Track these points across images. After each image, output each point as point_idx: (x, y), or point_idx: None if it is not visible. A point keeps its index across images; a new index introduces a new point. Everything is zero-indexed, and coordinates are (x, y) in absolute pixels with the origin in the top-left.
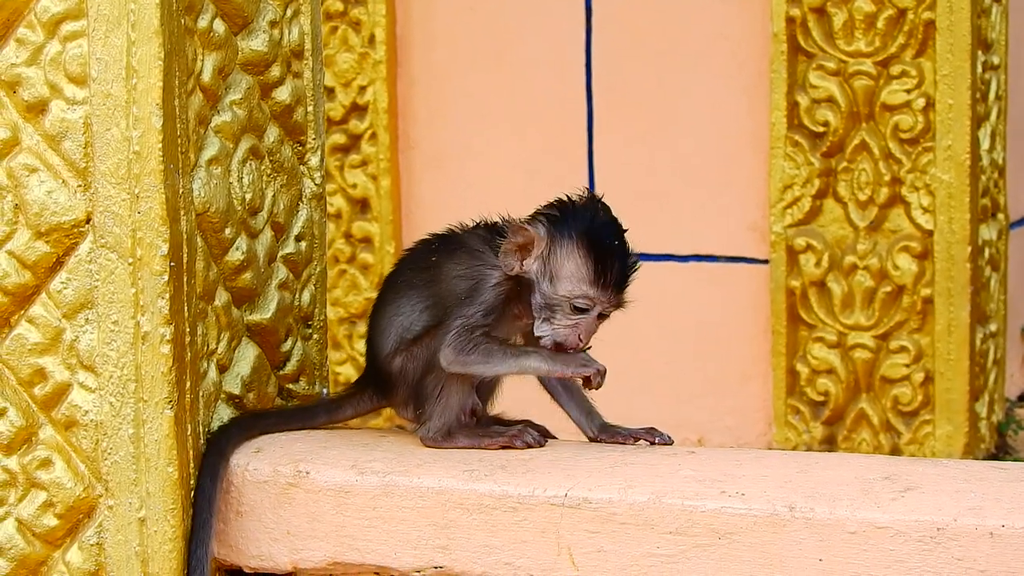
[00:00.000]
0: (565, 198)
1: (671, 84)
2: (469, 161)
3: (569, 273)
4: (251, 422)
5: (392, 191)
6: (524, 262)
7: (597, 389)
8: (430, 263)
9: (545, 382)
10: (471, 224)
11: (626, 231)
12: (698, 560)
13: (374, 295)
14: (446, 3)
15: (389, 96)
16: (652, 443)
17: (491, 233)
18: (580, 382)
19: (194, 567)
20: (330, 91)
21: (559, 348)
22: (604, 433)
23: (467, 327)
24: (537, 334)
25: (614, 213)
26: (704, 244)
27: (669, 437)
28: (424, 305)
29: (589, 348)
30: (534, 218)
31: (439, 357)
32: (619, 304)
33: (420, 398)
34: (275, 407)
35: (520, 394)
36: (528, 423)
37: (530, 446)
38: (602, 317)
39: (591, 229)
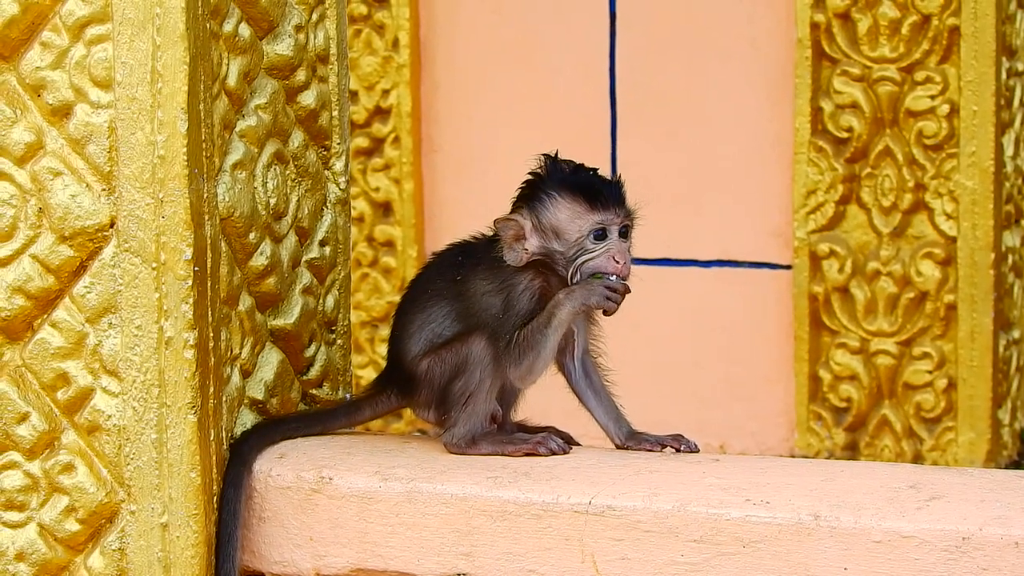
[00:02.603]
0: (528, 175)
1: (695, 89)
2: (492, 165)
3: (567, 218)
4: (272, 428)
5: (415, 195)
6: (527, 247)
7: (621, 296)
8: (455, 278)
9: (575, 386)
10: (487, 236)
11: (596, 169)
12: (722, 568)
13: (397, 299)
14: (470, 6)
15: (412, 100)
16: (678, 450)
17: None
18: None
19: None
20: (353, 95)
21: (604, 273)
22: (631, 440)
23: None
24: (584, 281)
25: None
26: (727, 249)
27: (695, 444)
28: (454, 315)
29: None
30: (512, 207)
31: (510, 373)
32: (628, 216)
33: (445, 403)
34: (295, 412)
35: (544, 400)
36: (552, 430)
37: (554, 453)
38: (624, 237)
39: (560, 176)
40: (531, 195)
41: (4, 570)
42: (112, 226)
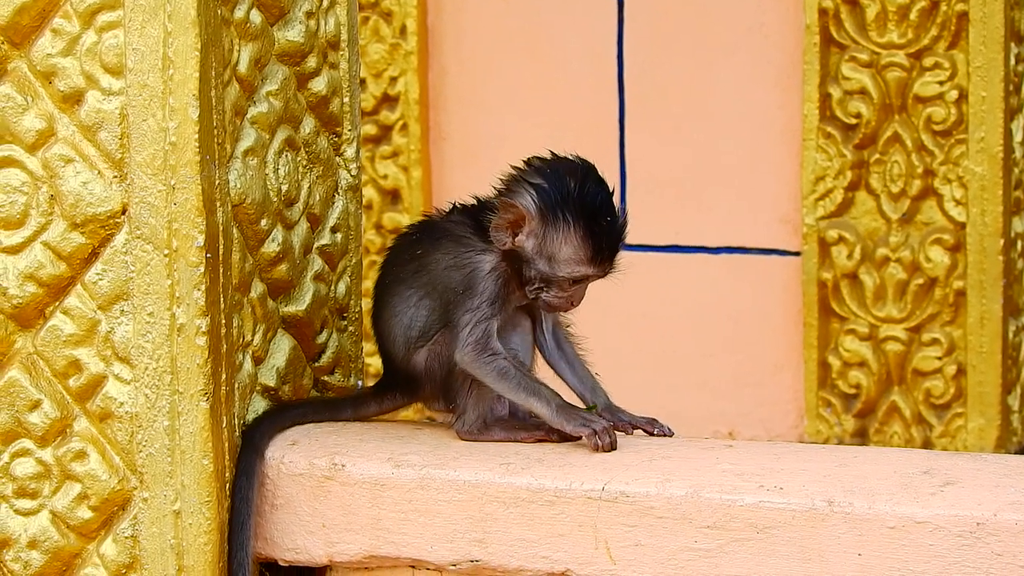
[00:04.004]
0: (550, 163)
1: (703, 76)
2: (500, 152)
3: (567, 256)
4: (282, 414)
5: (423, 182)
6: (516, 238)
7: (604, 451)
8: (415, 255)
9: (549, 358)
10: (447, 210)
11: (612, 193)
12: (736, 554)
13: None
14: None
15: (420, 87)
16: (651, 434)
17: (471, 216)
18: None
19: (235, 571)
20: (361, 82)
21: (552, 309)
22: (606, 412)
23: (477, 321)
24: (535, 299)
25: (600, 174)
26: (736, 236)
27: (670, 429)
28: (417, 297)
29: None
30: (519, 185)
31: (456, 355)
32: (612, 270)
33: (450, 392)
34: (306, 399)
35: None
36: None
37: (565, 439)
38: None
39: (584, 210)
40: (549, 199)
41: (16, 557)
42: (124, 213)
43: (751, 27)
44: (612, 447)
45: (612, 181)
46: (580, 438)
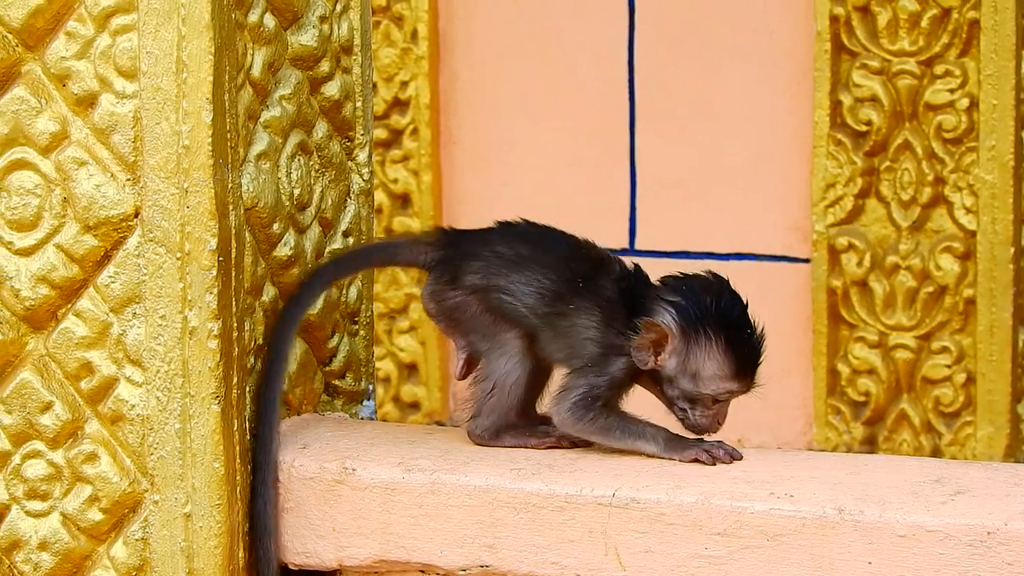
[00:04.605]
0: (686, 280)
1: (713, 82)
2: (511, 157)
3: (711, 374)
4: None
5: (433, 186)
6: (659, 357)
7: (726, 462)
8: (564, 296)
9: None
10: (608, 258)
11: (747, 305)
12: (746, 562)
13: (414, 290)
14: None
15: (431, 91)
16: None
17: (625, 290)
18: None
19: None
20: (372, 86)
21: (700, 432)
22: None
23: (592, 396)
24: (679, 418)
25: (733, 287)
26: (745, 243)
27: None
28: (537, 295)
29: None
30: (656, 303)
31: (554, 411)
32: (755, 385)
33: (471, 334)
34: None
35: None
36: None
37: (577, 446)
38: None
39: (726, 325)
40: (690, 315)
41: (27, 559)
42: (136, 216)
43: (762, 34)
44: (732, 457)
45: (621, 187)
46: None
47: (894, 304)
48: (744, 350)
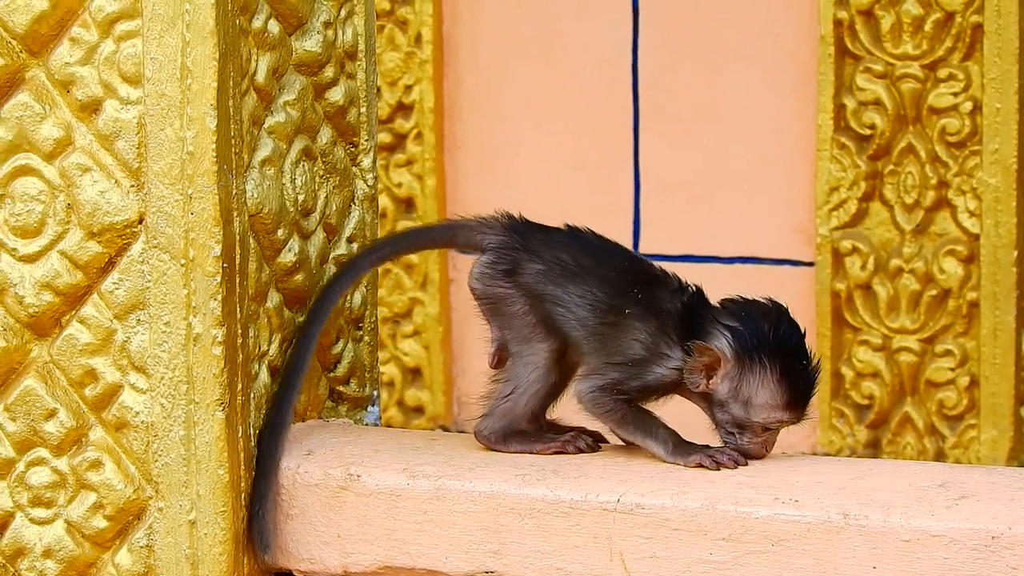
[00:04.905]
0: (745, 305)
1: (717, 85)
2: (515, 161)
3: (763, 402)
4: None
5: (437, 191)
6: (711, 381)
7: (731, 468)
8: (618, 307)
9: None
10: (665, 274)
11: (804, 333)
12: (751, 567)
13: (418, 295)
14: (493, 2)
15: (435, 95)
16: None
17: (685, 304)
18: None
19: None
20: (376, 90)
21: (749, 457)
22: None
23: (619, 389)
24: (724, 440)
25: (792, 315)
26: (749, 246)
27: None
28: (590, 307)
29: None
30: (713, 326)
31: (577, 385)
32: (806, 417)
33: (506, 330)
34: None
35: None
36: (582, 429)
37: (582, 451)
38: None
39: (782, 354)
40: (746, 342)
41: (31, 567)
42: (141, 222)
43: (766, 38)
44: (737, 463)
45: (625, 190)
46: (598, 449)
47: (898, 307)
48: (798, 381)
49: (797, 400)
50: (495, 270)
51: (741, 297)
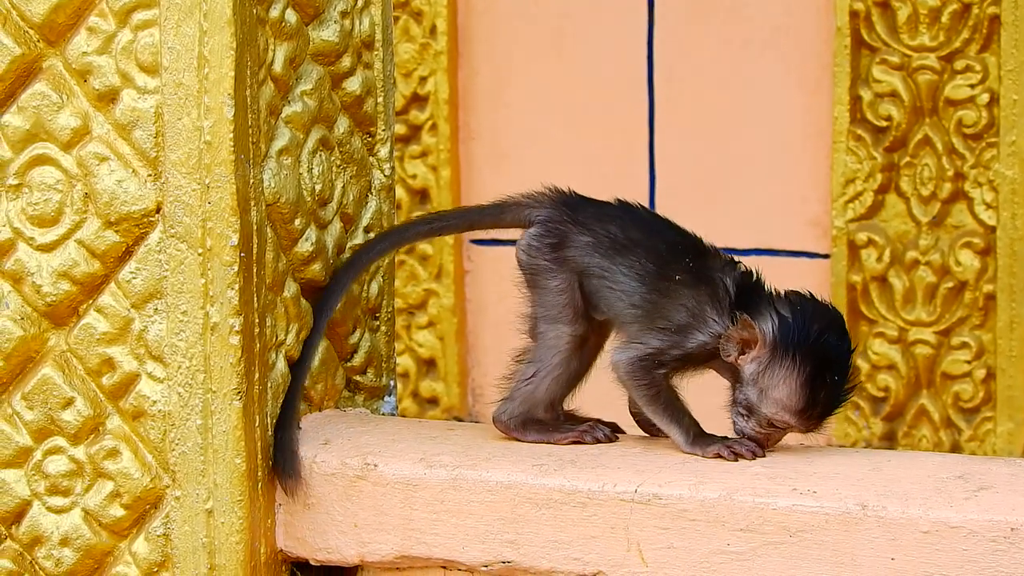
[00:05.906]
0: (805, 300)
1: (733, 77)
2: (529, 152)
3: (778, 397)
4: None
5: (452, 182)
6: (741, 356)
7: (748, 459)
8: (672, 270)
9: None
10: (716, 250)
11: (852, 351)
12: (769, 558)
13: (433, 286)
14: None
15: (450, 87)
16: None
17: (736, 279)
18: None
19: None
20: None
21: (746, 438)
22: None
23: (659, 360)
24: (732, 418)
25: (846, 328)
26: (765, 238)
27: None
28: (638, 278)
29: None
30: (767, 307)
31: (616, 355)
32: (817, 430)
33: (538, 307)
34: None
35: (593, 390)
36: (599, 420)
37: (599, 441)
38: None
39: (816, 360)
40: (788, 333)
41: (48, 555)
42: (158, 211)
43: (781, 29)
44: (755, 455)
45: (641, 182)
46: (615, 439)
47: (914, 300)
48: (820, 392)
49: (811, 410)
50: (541, 243)
51: (810, 294)
